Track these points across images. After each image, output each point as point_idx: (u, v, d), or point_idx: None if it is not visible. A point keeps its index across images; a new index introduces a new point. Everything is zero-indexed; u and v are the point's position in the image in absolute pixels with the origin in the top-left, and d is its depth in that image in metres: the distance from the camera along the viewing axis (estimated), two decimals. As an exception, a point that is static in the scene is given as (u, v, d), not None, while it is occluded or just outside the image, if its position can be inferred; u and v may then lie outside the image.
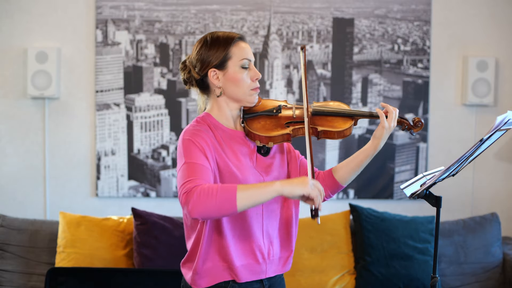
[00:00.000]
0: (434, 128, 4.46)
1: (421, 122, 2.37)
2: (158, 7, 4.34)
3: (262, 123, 2.29)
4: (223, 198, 2.00)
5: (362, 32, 4.41)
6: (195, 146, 2.13)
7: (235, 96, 2.26)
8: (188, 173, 2.08)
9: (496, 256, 4.12)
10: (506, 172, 4.50)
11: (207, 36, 2.29)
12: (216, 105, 2.28)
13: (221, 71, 2.24)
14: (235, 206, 2.01)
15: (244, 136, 2.29)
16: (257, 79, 2.27)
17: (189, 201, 2.01)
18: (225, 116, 2.28)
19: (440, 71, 4.45)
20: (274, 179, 2.27)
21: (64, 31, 4.31)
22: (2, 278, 3.93)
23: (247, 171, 2.21)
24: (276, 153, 2.35)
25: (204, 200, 2.00)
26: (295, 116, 2.31)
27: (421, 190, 2.36)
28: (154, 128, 4.36)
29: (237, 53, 2.24)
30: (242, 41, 2.27)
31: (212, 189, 2.02)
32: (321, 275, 3.96)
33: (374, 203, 4.37)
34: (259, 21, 4.38)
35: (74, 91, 4.34)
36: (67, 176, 4.36)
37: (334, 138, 2.31)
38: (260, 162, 2.28)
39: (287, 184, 2.05)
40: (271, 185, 2.05)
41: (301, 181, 2.06)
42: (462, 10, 4.44)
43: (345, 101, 4.41)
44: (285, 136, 2.27)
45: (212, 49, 2.24)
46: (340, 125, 2.32)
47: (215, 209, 2.01)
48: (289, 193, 2.05)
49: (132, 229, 3.97)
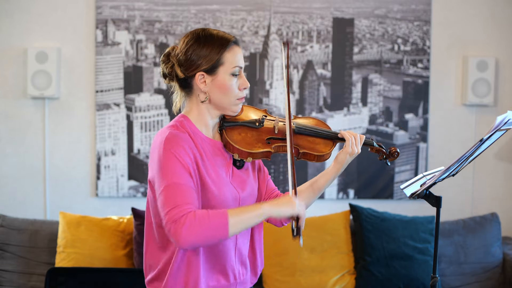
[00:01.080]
0: (434, 128, 4.46)
1: (397, 152, 2.34)
2: (158, 7, 4.34)
3: (242, 135, 2.16)
4: (215, 224, 1.92)
5: (362, 32, 4.41)
6: (178, 161, 1.98)
7: (220, 104, 2.11)
8: (173, 197, 1.94)
9: (496, 256, 4.12)
10: (506, 172, 4.50)
11: (200, 33, 2.11)
12: (197, 109, 2.14)
13: (210, 76, 2.08)
14: (227, 233, 1.93)
15: (221, 146, 2.15)
16: (245, 89, 2.13)
17: (179, 232, 1.89)
18: (204, 123, 2.14)
19: (440, 71, 4.45)
20: (248, 195, 2.17)
21: (64, 31, 4.31)
22: (2, 278, 3.93)
23: (225, 186, 2.08)
24: (249, 168, 2.23)
25: (196, 230, 1.90)
26: (277, 131, 2.19)
27: (421, 190, 2.36)
28: (154, 128, 4.36)
29: (230, 59, 2.08)
30: (237, 46, 2.11)
31: (203, 217, 1.92)
32: (321, 275, 3.96)
33: (374, 203, 4.37)
34: (259, 21, 4.38)
35: (74, 91, 4.34)
36: (67, 176, 4.36)
37: (313, 160, 2.23)
38: (236, 176, 2.16)
39: (275, 206, 2.00)
40: (260, 209, 1.98)
41: (287, 201, 2.01)
42: (462, 10, 4.44)
43: (345, 101, 4.41)
44: (266, 153, 2.16)
45: (204, 50, 2.08)
46: (321, 148, 2.23)
47: (207, 238, 1.93)
48: (277, 215, 2.00)
49: (132, 229, 3.97)
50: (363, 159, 4.37)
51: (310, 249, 4.00)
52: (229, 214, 1.95)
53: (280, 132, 2.20)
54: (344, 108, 4.41)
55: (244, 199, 2.16)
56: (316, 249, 4.00)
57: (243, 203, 2.15)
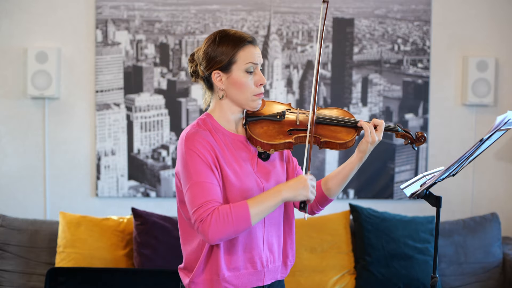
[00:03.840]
0: (434, 128, 4.46)
1: (424, 136, 2.35)
2: (158, 7, 4.34)
3: (264, 128, 2.25)
4: (238, 219, 2.06)
5: (362, 32, 4.41)
6: (200, 159, 2.12)
7: (237, 101, 2.22)
8: (198, 196, 2.09)
9: (496, 256, 4.12)
10: (506, 172, 4.50)
11: (217, 34, 2.22)
12: (218, 106, 2.25)
13: (225, 73, 2.20)
14: (250, 224, 2.08)
15: (245, 140, 2.25)
16: (262, 85, 2.22)
17: (207, 230, 2.06)
18: (227, 118, 2.25)
19: (440, 71, 4.45)
20: (273, 186, 2.25)
21: (64, 31, 4.31)
22: (2, 278, 3.93)
23: (247, 177, 2.19)
24: (276, 159, 2.32)
25: (222, 226, 2.06)
26: (299, 123, 2.27)
27: (421, 190, 2.36)
28: (154, 128, 4.36)
29: (243, 57, 2.18)
30: (251, 45, 2.20)
31: (226, 212, 2.06)
32: (321, 275, 3.96)
33: (374, 203, 4.37)
34: (259, 21, 4.38)
35: (74, 91, 4.34)
36: (67, 176, 4.36)
37: (336, 149, 2.28)
38: (261, 168, 2.25)
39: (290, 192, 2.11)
40: (278, 195, 2.10)
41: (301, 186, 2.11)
42: (462, 10, 4.44)
43: (345, 101, 4.41)
44: (287, 144, 2.23)
45: (218, 49, 2.19)
46: (343, 136, 2.27)
47: (233, 231, 2.08)
48: (292, 200, 2.12)
49: (132, 229, 3.97)
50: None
51: (310, 249, 4.00)
52: (250, 206, 2.07)
53: (301, 124, 2.27)
54: (344, 108, 4.41)
55: (268, 189, 2.22)
56: (316, 249, 4.00)
57: None
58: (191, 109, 4.36)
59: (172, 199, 4.38)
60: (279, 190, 2.10)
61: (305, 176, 2.13)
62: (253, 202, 2.08)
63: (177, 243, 3.82)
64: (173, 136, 4.36)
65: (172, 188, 4.38)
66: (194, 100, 4.36)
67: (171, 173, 4.37)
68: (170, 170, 4.37)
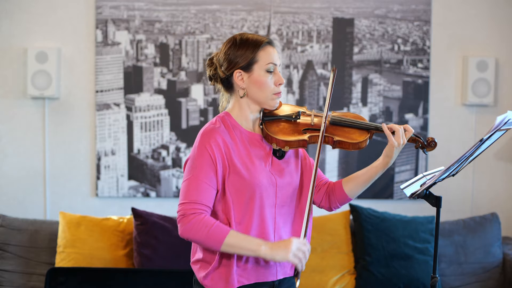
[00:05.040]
0: (434, 128, 4.46)
1: (434, 142, 2.39)
2: (158, 7, 4.34)
3: (280, 127, 2.34)
4: (212, 236, 2.17)
5: (362, 32, 4.41)
6: (209, 158, 2.22)
7: (257, 99, 2.32)
8: (192, 192, 2.21)
9: (496, 256, 4.12)
10: (506, 172, 4.50)
11: (237, 37, 2.33)
12: (238, 105, 2.34)
13: (246, 73, 2.30)
14: (219, 247, 2.18)
15: (261, 138, 2.34)
16: (281, 84, 2.33)
17: (183, 225, 2.19)
18: (245, 117, 2.34)
19: (440, 71, 4.45)
20: (287, 184, 2.33)
21: (64, 31, 4.31)
22: (2, 278, 3.93)
23: (259, 173, 2.26)
24: (291, 158, 2.39)
25: (195, 231, 2.17)
26: (313, 124, 2.37)
27: (421, 190, 2.36)
28: (154, 128, 4.36)
29: (264, 57, 2.30)
30: (270, 46, 2.32)
31: (207, 224, 2.17)
32: (321, 275, 3.96)
33: (374, 203, 4.37)
34: (259, 21, 4.38)
35: (74, 91, 4.34)
36: (67, 176, 4.36)
37: (349, 149, 2.37)
38: (275, 165, 2.33)
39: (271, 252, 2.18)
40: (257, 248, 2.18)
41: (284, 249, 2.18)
42: (462, 10, 4.44)
43: (345, 101, 4.41)
44: (301, 142, 2.32)
45: (240, 50, 2.29)
46: (356, 137, 2.36)
47: (201, 242, 2.20)
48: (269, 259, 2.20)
49: (132, 229, 3.97)
50: (363, 159, 4.37)
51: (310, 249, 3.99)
52: (229, 235, 2.17)
53: (316, 125, 2.37)
54: (344, 108, 4.41)
55: (282, 186, 2.31)
56: (316, 249, 4.00)
57: (280, 189, 2.31)
58: (191, 109, 4.36)
59: (172, 199, 4.38)
60: (260, 244, 2.18)
61: (294, 240, 2.20)
62: (234, 234, 2.18)
63: (177, 243, 3.82)
64: (173, 136, 4.36)
65: (172, 188, 4.38)
66: (194, 100, 4.36)
67: (171, 173, 4.37)
68: (170, 170, 4.37)
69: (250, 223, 2.25)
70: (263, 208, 2.26)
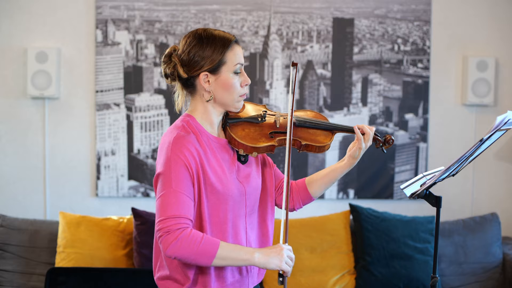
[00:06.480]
0: (434, 128, 4.46)
1: (392, 139, 2.39)
2: (158, 7, 4.34)
3: (246, 130, 2.21)
4: (202, 251, 2.01)
5: (362, 32, 4.41)
6: (185, 169, 2.05)
7: (223, 102, 2.17)
8: (172, 206, 2.02)
9: (496, 256, 4.12)
10: (506, 172, 4.50)
11: (201, 34, 2.15)
12: (202, 108, 2.19)
13: (213, 75, 2.14)
14: (211, 262, 2.03)
15: (226, 143, 2.20)
16: (247, 85, 2.19)
17: (169, 242, 2.00)
18: (210, 121, 2.19)
19: (440, 71, 4.45)
20: (254, 189, 2.22)
21: (64, 31, 4.31)
22: (2, 278, 3.93)
23: (230, 183, 2.14)
24: (252, 161, 2.27)
25: (185, 247, 2.00)
26: (279, 125, 2.25)
27: (421, 190, 2.36)
28: (154, 128, 4.36)
29: (232, 58, 2.14)
30: (237, 45, 2.17)
31: (196, 239, 2.01)
32: (321, 275, 3.96)
33: (374, 203, 4.37)
34: (259, 21, 4.38)
35: (74, 91, 4.34)
36: (67, 176, 4.36)
37: (314, 152, 2.29)
38: (241, 171, 2.21)
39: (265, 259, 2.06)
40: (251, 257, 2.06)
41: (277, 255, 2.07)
42: (462, 10, 4.44)
43: (345, 101, 4.41)
44: (270, 147, 2.21)
45: (206, 50, 2.12)
46: (322, 139, 2.30)
47: (191, 259, 2.02)
48: (262, 267, 2.08)
49: (132, 229, 3.97)
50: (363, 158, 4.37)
51: (310, 249, 4.00)
52: (220, 247, 2.02)
53: (281, 126, 2.25)
54: (344, 108, 4.41)
55: (250, 192, 2.21)
56: (316, 249, 4.00)
57: (249, 196, 2.20)
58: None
59: (172, 199, 4.38)
60: (253, 252, 2.06)
61: (284, 247, 2.09)
62: (225, 246, 2.04)
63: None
64: (173, 136, 4.36)
65: (172, 188, 4.37)
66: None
67: (171, 173, 4.37)
68: (170, 170, 4.36)
69: (226, 236, 2.14)
70: (236, 219, 2.16)
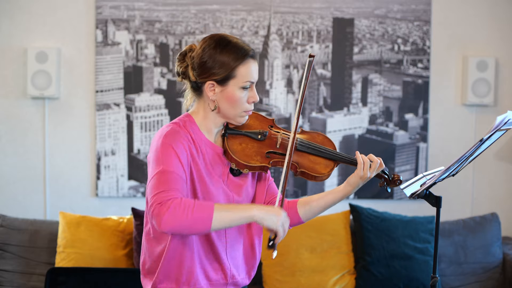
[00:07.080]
0: (434, 128, 4.46)
1: (400, 180, 2.30)
2: (158, 7, 4.34)
3: (243, 145, 2.14)
4: (198, 215, 1.92)
5: (362, 32, 4.41)
6: (174, 152, 2.00)
7: (226, 114, 2.12)
8: (162, 182, 1.95)
9: (496, 256, 4.12)
10: (506, 172, 4.50)
11: (218, 41, 2.10)
12: (203, 113, 2.15)
13: (220, 86, 2.08)
14: (209, 226, 1.93)
15: (221, 153, 2.14)
16: (254, 102, 2.13)
17: (163, 213, 1.90)
18: (208, 128, 2.15)
19: (440, 71, 4.45)
20: (243, 201, 2.18)
21: (64, 31, 4.31)
22: (2, 278, 3.93)
23: (217, 189, 2.10)
24: (248, 174, 2.22)
25: (179, 214, 1.90)
26: (279, 146, 2.17)
27: (421, 190, 2.36)
28: (154, 128, 4.36)
29: (243, 73, 2.08)
30: (252, 59, 2.10)
31: (189, 204, 1.92)
32: (321, 275, 3.96)
33: (374, 203, 4.37)
34: (259, 21, 4.38)
35: (74, 91, 4.34)
36: (67, 176, 4.36)
37: (310, 180, 2.21)
38: (231, 181, 2.16)
39: (264, 214, 1.98)
40: (249, 211, 1.98)
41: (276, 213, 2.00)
42: (462, 10, 4.44)
43: (345, 101, 4.41)
44: (263, 167, 2.14)
45: (218, 59, 2.07)
46: (321, 169, 2.20)
47: (188, 225, 1.92)
48: (260, 222, 1.99)
49: (132, 229, 3.97)
50: (363, 159, 4.37)
51: (310, 249, 4.00)
52: (216, 209, 1.94)
53: (281, 147, 2.18)
54: (344, 108, 4.41)
55: (239, 201, 2.16)
56: (316, 249, 4.00)
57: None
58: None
59: (172, 199, 4.38)
60: (251, 207, 1.99)
61: (283, 212, 2.02)
62: (220, 206, 1.96)
63: (177, 243, 3.83)
64: (173, 136, 4.36)
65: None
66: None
67: (171, 173, 4.37)
68: (170, 170, 4.37)
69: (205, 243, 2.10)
70: None
